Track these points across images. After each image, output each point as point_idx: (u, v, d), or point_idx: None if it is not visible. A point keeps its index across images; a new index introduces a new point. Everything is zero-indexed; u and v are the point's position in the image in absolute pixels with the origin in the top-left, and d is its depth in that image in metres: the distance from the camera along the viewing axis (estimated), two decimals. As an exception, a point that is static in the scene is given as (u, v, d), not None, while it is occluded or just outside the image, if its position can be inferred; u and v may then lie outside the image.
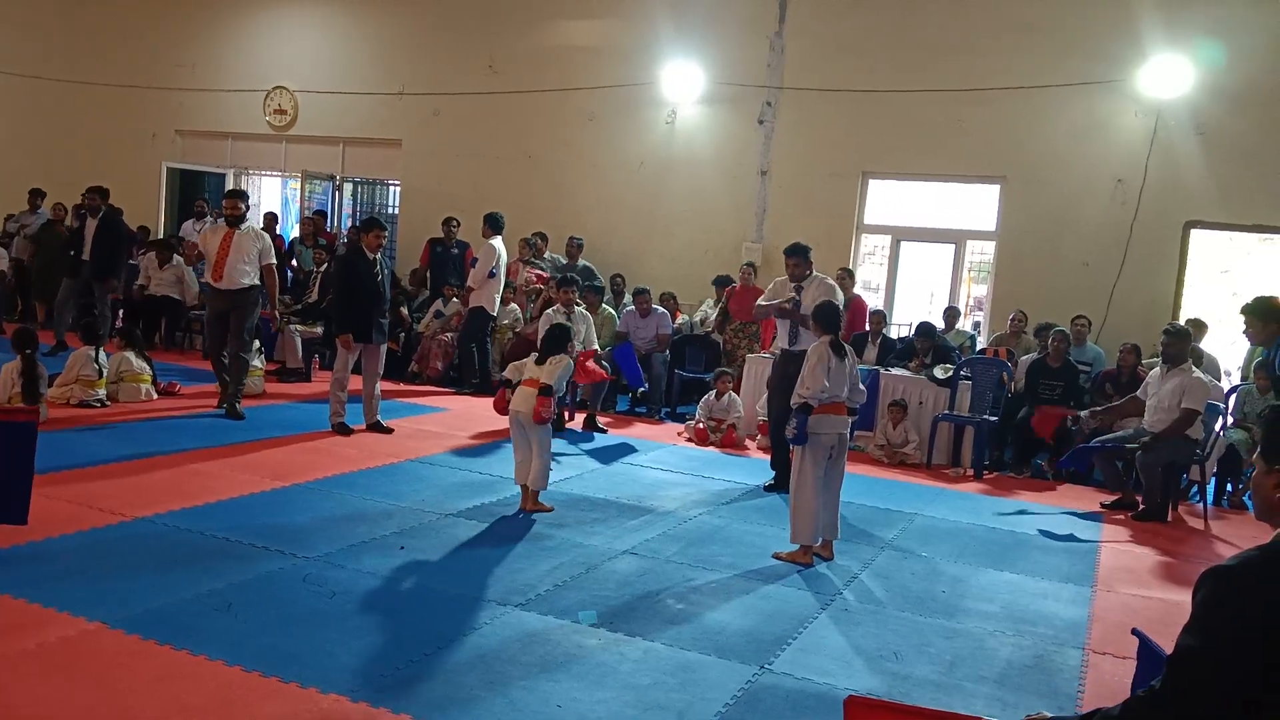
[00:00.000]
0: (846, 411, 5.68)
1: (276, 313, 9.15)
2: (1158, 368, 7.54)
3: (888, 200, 11.46)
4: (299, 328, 10.68)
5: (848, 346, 5.81)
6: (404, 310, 11.13)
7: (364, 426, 8.09)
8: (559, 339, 6.27)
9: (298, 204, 14.31)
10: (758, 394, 9.20)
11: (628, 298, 11.12)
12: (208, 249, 8.39)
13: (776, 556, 5.55)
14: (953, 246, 11.27)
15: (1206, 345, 9.08)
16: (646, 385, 9.94)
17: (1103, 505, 7.60)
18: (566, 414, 9.16)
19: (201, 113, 14.92)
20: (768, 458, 7.65)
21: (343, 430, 7.92)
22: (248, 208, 8.76)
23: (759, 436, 8.95)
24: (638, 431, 9.26)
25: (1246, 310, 6.33)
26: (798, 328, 7.15)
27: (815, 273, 7.30)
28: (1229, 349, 9.54)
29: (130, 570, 4.54)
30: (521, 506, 6.11)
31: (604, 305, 10.48)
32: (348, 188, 14.28)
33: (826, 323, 5.75)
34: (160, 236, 13.62)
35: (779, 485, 7.14)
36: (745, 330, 10.34)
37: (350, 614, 4.25)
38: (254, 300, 8.36)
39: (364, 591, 4.52)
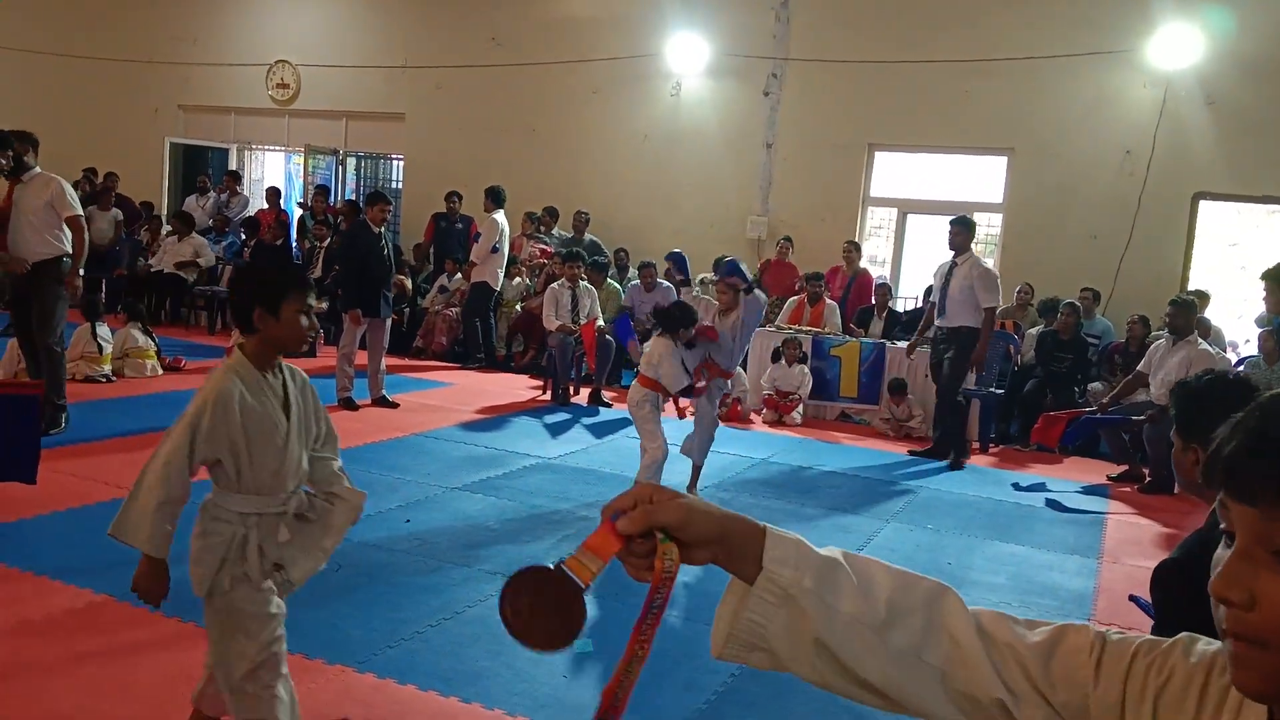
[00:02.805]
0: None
1: (79, 282, 6.52)
2: (1162, 339, 7.51)
3: (894, 173, 11.38)
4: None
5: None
6: (408, 281, 11.06)
7: (370, 401, 8.09)
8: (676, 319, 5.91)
9: (301, 179, 14.27)
10: (762, 368, 9.19)
11: (632, 272, 11.08)
12: None
13: None
14: (959, 219, 11.18)
15: (1213, 318, 9.03)
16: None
17: (1109, 478, 7.59)
18: (571, 388, 9.15)
19: (204, 87, 14.84)
20: (772, 431, 7.63)
21: (349, 404, 7.92)
22: (34, 148, 6.38)
23: (764, 410, 8.94)
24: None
25: (1267, 276, 6.23)
26: (942, 303, 7.60)
27: (973, 251, 7.59)
28: (1236, 322, 9.49)
29: (136, 543, 4.55)
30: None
31: (609, 280, 10.44)
32: (351, 162, 14.22)
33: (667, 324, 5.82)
34: (161, 213, 13.63)
35: (955, 458, 7.62)
36: (778, 305, 10.23)
37: (356, 586, 4.26)
38: (58, 276, 6.34)
39: (369, 564, 4.53)
